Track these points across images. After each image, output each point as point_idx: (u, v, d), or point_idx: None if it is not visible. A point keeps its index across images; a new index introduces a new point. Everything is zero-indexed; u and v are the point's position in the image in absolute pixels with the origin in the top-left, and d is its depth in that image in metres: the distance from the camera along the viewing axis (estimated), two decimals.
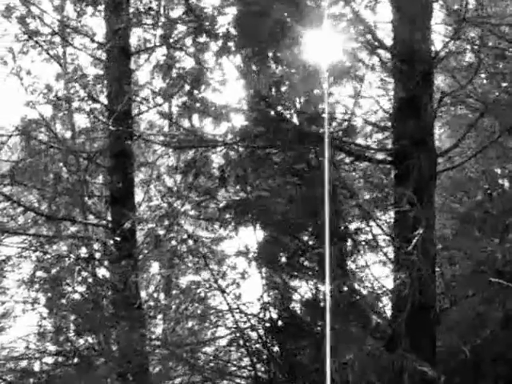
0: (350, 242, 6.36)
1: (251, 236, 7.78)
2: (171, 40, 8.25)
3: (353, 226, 6.52)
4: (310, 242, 6.41)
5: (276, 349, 6.61)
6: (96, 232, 9.03)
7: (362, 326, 6.06)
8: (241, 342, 6.59)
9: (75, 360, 8.83)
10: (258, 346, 6.49)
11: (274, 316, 6.73)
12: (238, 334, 6.65)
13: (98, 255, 8.67)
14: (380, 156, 6.21)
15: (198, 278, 9.16)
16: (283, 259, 6.52)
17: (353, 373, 5.27)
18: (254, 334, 6.62)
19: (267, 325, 6.51)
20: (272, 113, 6.08)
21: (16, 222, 9.23)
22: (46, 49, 9.35)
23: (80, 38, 9.20)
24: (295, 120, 6.11)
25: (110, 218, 8.71)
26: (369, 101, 6.50)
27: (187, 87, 7.62)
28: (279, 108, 6.01)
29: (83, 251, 8.80)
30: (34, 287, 9.20)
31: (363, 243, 6.49)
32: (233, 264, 8.34)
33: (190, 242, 8.71)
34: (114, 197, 8.64)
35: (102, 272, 8.66)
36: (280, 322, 6.80)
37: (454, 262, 6.81)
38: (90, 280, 8.36)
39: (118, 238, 8.09)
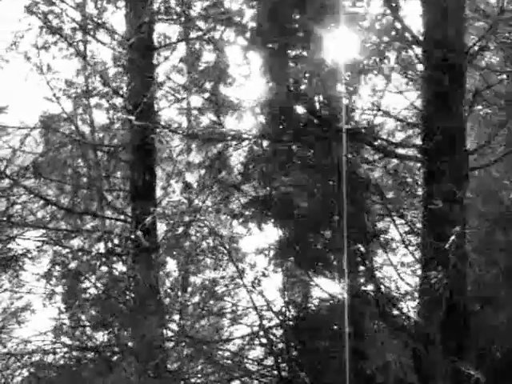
0: (375, 240, 6.25)
1: (271, 233, 7.72)
2: (196, 34, 8.20)
3: (379, 224, 6.42)
4: (334, 239, 6.29)
5: (297, 347, 6.51)
6: (116, 227, 8.98)
7: (390, 326, 5.96)
8: (264, 341, 6.50)
9: (92, 355, 8.81)
10: (280, 345, 6.39)
11: (295, 314, 6.63)
12: (261, 332, 6.56)
13: (118, 250, 8.60)
14: (408, 153, 6.10)
15: (216, 274, 9.14)
16: (306, 256, 6.40)
17: (393, 375, 5.17)
18: (277, 333, 6.52)
19: (289, 323, 6.41)
20: (297, 108, 5.98)
21: (35, 215, 9.22)
22: (70, 42, 9.35)
23: (101, 34, 9.21)
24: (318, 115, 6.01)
25: (130, 213, 8.66)
26: (396, 97, 6.39)
27: (211, 82, 7.55)
28: (304, 103, 5.91)
29: (103, 246, 8.76)
30: (52, 281, 9.19)
31: (390, 241, 6.39)
32: (253, 262, 8.29)
33: (210, 238, 8.66)
34: (135, 191, 8.60)
35: (122, 267, 8.61)
36: (300, 321, 6.70)
37: (481, 264, 6.69)
38: (110, 275, 8.31)
39: (139, 233, 8.03)
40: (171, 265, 9.40)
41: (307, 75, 6.05)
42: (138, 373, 7.02)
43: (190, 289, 9.33)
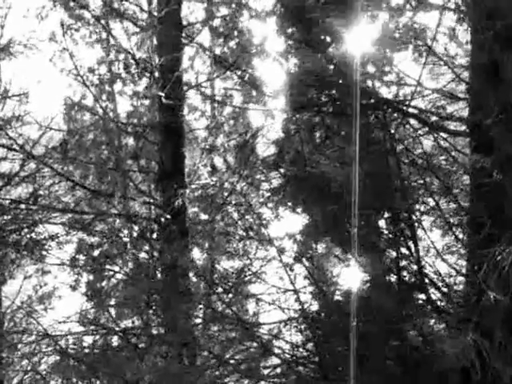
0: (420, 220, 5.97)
1: (298, 219, 7.46)
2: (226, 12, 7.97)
3: (420, 206, 6.13)
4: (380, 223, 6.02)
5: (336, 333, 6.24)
6: (144, 210, 8.75)
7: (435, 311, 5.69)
8: (302, 327, 6.25)
9: (120, 340, 8.62)
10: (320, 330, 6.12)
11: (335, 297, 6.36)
12: (300, 319, 6.30)
13: (146, 234, 8.38)
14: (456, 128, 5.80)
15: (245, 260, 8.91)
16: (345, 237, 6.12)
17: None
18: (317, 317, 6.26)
19: (329, 306, 6.15)
20: (339, 79, 5.69)
21: (61, 200, 9.02)
22: (92, 29, 9.17)
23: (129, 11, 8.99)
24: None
25: (158, 196, 8.43)
26: (441, 69, 6.07)
27: (245, 58, 7.31)
28: (347, 73, 5.61)
29: (131, 230, 8.54)
30: (78, 268, 9.01)
31: (432, 222, 6.11)
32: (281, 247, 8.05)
33: (240, 222, 8.42)
34: (163, 174, 8.37)
35: (150, 251, 8.39)
36: (340, 304, 6.41)
37: None
38: (138, 259, 8.10)
39: (169, 216, 7.80)
40: (201, 249, 9.19)
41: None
42: (171, 358, 6.80)
43: (219, 272, 9.11)
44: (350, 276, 6.16)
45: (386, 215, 6.23)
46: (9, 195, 9.09)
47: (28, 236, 8.43)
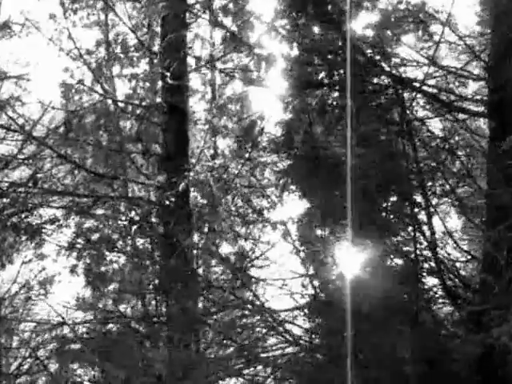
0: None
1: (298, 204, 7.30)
2: None
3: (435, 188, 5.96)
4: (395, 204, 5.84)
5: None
6: (143, 193, 8.54)
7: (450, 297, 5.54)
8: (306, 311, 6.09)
9: (121, 327, 8.45)
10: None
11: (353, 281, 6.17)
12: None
13: (149, 217, 8.17)
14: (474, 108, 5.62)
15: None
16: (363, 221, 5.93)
17: None
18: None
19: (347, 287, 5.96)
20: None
21: (60, 183, 8.81)
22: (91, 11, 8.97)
23: None
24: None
25: (162, 179, 8.22)
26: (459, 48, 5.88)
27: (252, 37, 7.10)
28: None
29: (134, 213, 8.32)
30: (78, 252, 8.81)
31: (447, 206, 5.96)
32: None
33: (247, 206, 8.26)
34: (166, 156, 8.17)
35: (155, 235, 8.18)
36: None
37: None
38: (142, 243, 7.91)
39: (173, 199, 7.60)
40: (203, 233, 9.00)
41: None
42: (174, 346, 6.63)
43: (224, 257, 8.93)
44: (349, 259, 6.02)
45: (396, 198, 6.08)
46: (7, 178, 8.90)
47: (27, 220, 8.22)
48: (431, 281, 5.98)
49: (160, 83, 8.17)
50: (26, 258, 9.78)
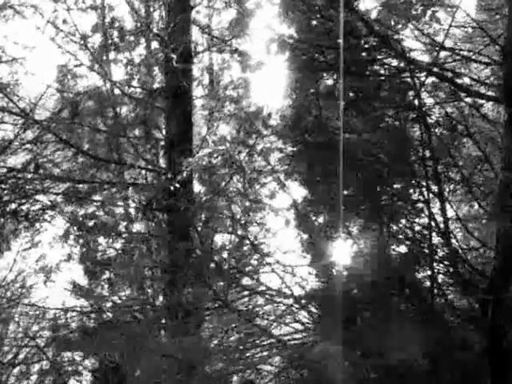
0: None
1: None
2: None
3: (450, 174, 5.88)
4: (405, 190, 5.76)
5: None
6: (150, 179, 8.40)
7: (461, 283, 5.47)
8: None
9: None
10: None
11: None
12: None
13: (153, 204, 8.04)
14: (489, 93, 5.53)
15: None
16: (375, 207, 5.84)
17: None
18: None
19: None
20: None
21: (60, 167, 8.64)
22: None
23: None
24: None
25: (165, 165, 8.09)
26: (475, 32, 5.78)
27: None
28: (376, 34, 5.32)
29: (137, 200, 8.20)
30: (70, 241, 8.67)
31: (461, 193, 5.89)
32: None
33: (250, 191, 8.13)
34: (170, 141, 8.03)
35: (158, 221, 8.06)
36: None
37: None
38: (145, 230, 7.79)
39: (177, 185, 7.48)
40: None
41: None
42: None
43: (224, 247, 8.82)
44: (344, 248, 5.96)
45: (404, 184, 6.00)
46: (3, 163, 8.72)
47: (27, 206, 8.07)
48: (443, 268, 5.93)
49: (161, 68, 8.01)
50: (22, 246, 9.63)
